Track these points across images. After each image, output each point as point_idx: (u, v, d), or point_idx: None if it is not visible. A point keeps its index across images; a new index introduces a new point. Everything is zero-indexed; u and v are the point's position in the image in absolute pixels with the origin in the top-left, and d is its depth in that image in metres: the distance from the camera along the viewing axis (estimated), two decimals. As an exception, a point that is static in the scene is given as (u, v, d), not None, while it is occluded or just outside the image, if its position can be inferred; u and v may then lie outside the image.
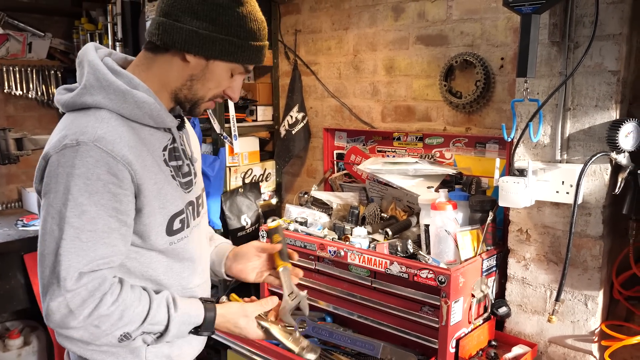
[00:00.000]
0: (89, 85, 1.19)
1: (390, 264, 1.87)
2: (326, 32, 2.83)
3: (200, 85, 1.25)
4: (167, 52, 1.22)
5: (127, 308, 1.19)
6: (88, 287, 1.14)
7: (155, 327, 1.23)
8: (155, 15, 1.23)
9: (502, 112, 2.22)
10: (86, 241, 1.13)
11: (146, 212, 1.22)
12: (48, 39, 3.71)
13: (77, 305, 1.13)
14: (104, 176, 1.13)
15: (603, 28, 1.68)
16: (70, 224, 1.12)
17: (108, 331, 1.17)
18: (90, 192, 1.12)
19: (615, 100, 1.71)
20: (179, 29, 1.18)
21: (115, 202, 1.15)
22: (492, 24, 2.21)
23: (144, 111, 1.20)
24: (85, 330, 1.15)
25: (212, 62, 1.22)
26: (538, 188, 1.83)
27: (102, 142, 1.13)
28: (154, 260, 1.30)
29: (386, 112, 2.63)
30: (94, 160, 1.12)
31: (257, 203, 2.90)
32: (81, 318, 1.14)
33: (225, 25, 1.19)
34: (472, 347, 1.89)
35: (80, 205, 1.12)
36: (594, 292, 1.82)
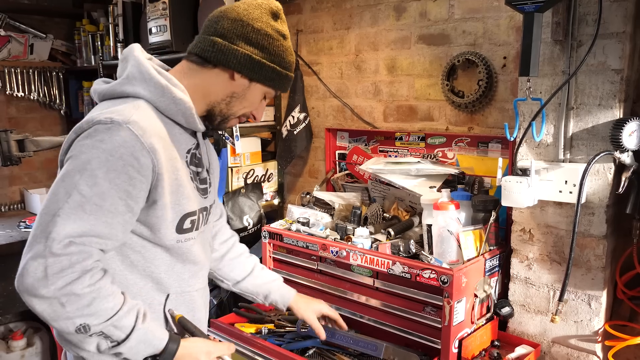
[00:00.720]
0: (131, 77, 1.27)
1: (392, 264, 1.86)
2: (328, 32, 2.82)
3: (237, 103, 1.37)
4: (215, 67, 1.33)
5: (100, 298, 1.16)
6: (72, 258, 1.12)
7: (116, 333, 1.19)
8: (205, 33, 1.34)
9: (505, 111, 2.22)
10: (89, 213, 1.13)
11: (161, 204, 1.25)
12: (49, 41, 3.73)
13: (54, 272, 1.11)
14: (126, 157, 1.16)
15: (606, 26, 1.67)
16: (79, 191, 1.13)
17: (71, 314, 1.13)
18: (109, 168, 1.14)
19: (618, 99, 1.70)
20: (234, 51, 1.30)
21: (129, 185, 1.17)
22: (495, 22, 2.20)
23: (179, 107, 1.29)
24: (50, 304, 1.12)
25: (254, 85, 1.36)
26: (541, 187, 1.82)
27: (134, 125, 1.18)
28: (157, 257, 1.32)
29: (388, 112, 2.63)
30: (122, 139, 1.16)
31: (259, 203, 2.90)
32: (53, 288, 1.11)
33: (272, 54, 1.34)
34: (475, 347, 1.88)
35: (95, 177, 1.14)
36: (597, 292, 1.81)
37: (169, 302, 1.37)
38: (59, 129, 3.91)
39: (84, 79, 3.80)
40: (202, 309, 1.50)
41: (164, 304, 1.36)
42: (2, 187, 3.62)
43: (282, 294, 1.79)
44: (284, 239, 2.21)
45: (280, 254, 2.28)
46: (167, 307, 1.37)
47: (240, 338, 2.00)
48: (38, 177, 3.82)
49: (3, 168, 3.52)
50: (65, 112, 3.88)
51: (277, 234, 2.23)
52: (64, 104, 3.86)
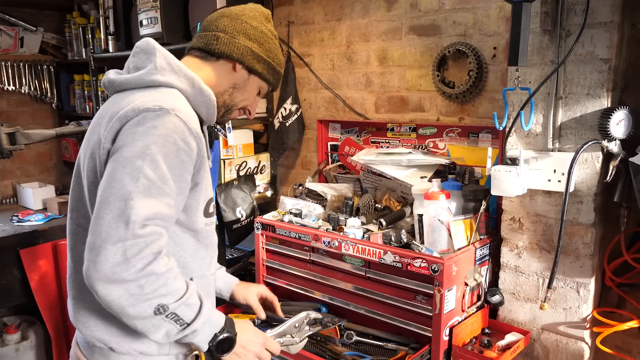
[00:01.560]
0: (160, 67, 1.32)
1: (384, 254, 1.88)
2: (319, 24, 2.82)
3: (239, 94, 1.48)
4: (218, 60, 1.43)
5: (172, 277, 1.21)
6: (147, 239, 1.15)
7: (187, 312, 1.22)
8: (208, 30, 1.44)
9: (495, 101, 2.23)
10: (155, 195, 1.17)
11: (200, 187, 1.33)
12: (40, 34, 3.70)
13: (134, 254, 1.13)
14: (179, 142, 1.21)
15: (594, 16, 1.69)
16: (145, 175, 1.16)
17: (150, 295, 1.16)
18: (165, 153, 1.19)
19: (606, 88, 1.71)
20: (236, 43, 1.42)
21: (182, 169, 1.23)
22: (485, 13, 2.21)
23: (204, 99, 1.37)
24: (127, 288, 1.13)
25: (252, 77, 1.47)
26: (530, 177, 1.84)
27: (180, 112, 1.23)
28: (185, 241, 1.37)
29: (380, 103, 2.64)
30: (173, 125, 1.21)
31: (252, 195, 2.90)
32: (133, 270, 1.13)
33: (268, 50, 1.47)
34: (466, 335, 1.91)
35: (156, 161, 1.17)
36: (585, 280, 1.84)
37: None
38: (50, 122, 3.89)
39: (75, 72, 3.77)
40: (213, 294, 1.57)
41: None
42: (-6, 181, 3.62)
43: (225, 282, 1.82)
44: (276, 230, 2.22)
45: (273, 245, 2.29)
46: None
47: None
48: (30, 171, 3.80)
49: (-5, 162, 3.51)
50: (56, 105, 3.86)
51: (269, 225, 2.24)
52: (55, 97, 3.83)
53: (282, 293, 2.32)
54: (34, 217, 3.12)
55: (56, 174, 3.94)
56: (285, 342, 1.60)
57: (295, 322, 1.66)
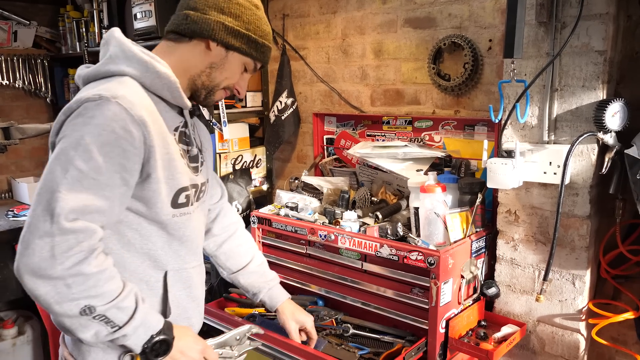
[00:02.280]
0: (114, 56, 1.28)
1: (380, 247, 1.88)
2: (314, 16, 2.81)
3: (218, 74, 1.38)
4: (191, 40, 1.34)
5: (104, 279, 1.16)
6: (78, 236, 1.12)
7: (119, 315, 1.18)
8: (179, 10, 1.36)
9: (491, 94, 2.23)
10: (87, 187, 1.14)
11: (154, 177, 1.25)
12: (33, 28, 3.67)
13: (62, 252, 1.10)
14: (118, 130, 1.16)
15: (590, 7, 1.68)
16: (75, 166, 1.13)
17: (76, 295, 1.12)
18: (102, 142, 1.15)
19: (602, 80, 1.71)
20: (207, 19, 1.32)
21: (123, 159, 1.18)
22: (480, 5, 2.20)
23: (164, 82, 1.29)
24: (54, 285, 1.10)
25: (231, 54, 1.36)
26: (526, 169, 1.84)
27: (122, 99, 1.18)
28: (154, 234, 1.32)
29: (375, 96, 2.63)
30: (112, 113, 1.16)
31: (248, 189, 2.90)
32: (60, 268, 1.10)
33: (246, 22, 1.35)
34: (462, 327, 1.91)
35: (90, 152, 1.14)
36: (581, 272, 1.85)
37: (168, 278, 1.37)
38: (45, 116, 3.87)
39: (69, 66, 3.75)
40: (199, 287, 1.51)
41: (162, 281, 1.37)
42: (-11, 176, 3.60)
43: (271, 297, 1.80)
44: (272, 223, 2.22)
45: (269, 239, 2.29)
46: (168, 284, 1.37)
47: (231, 322, 2.02)
48: (25, 165, 3.79)
49: (-11, 157, 3.49)
50: (51, 99, 3.84)
51: (266, 219, 2.24)
52: (50, 91, 3.81)
53: (279, 287, 2.33)
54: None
55: (51, 169, 3.92)
56: (225, 354, 1.53)
57: (236, 335, 1.57)
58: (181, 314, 1.41)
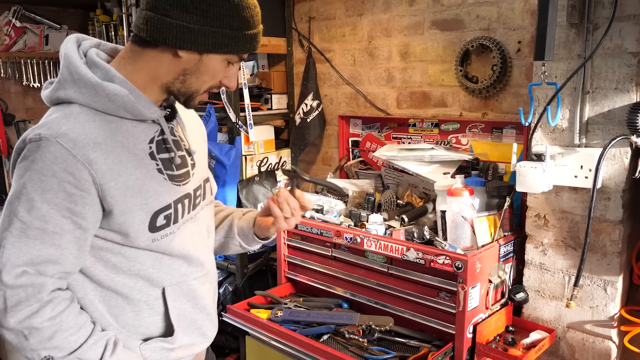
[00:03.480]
0: (63, 80, 1.17)
1: (406, 250, 1.87)
2: (340, 19, 2.81)
3: (194, 79, 1.21)
4: (157, 47, 1.16)
5: (61, 330, 1.13)
6: (27, 290, 1.10)
7: None
8: (141, 7, 1.17)
9: (519, 96, 2.20)
10: (33, 238, 1.09)
11: (118, 211, 1.17)
12: (64, 31, 3.76)
13: (12, 305, 1.09)
14: (60, 174, 1.09)
15: (623, 8, 1.65)
16: (18, 218, 1.09)
17: (34, 346, 1.12)
18: (43, 189, 1.08)
19: (635, 82, 1.68)
20: (168, 24, 1.12)
21: (70, 203, 1.10)
22: (509, 7, 2.17)
23: (117, 104, 1.16)
24: (16, 335, 1.11)
25: (206, 56, 1.17)
26: (556, 173, 1.81)
27: (63, 138, 1.09)
28: (140, 255, 1.24)
29: (401, 99, 2.62)
30: (52, 156, 1.08)
31: (273, 191, 2.91)
32: (13, 320, 1.09)
33: (216, 17, 1.13)
34: (490, 332, 1.89)
35: (31, 200, 1.08)
36: (613, 277, 1.81)
37: (167, 294, 1.30)
38: (74, 119, 3.95)
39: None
40: (206, 296, 1.40)
41: (161, 297, 1.29)
42: (21, 177, 3.69)
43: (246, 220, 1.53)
44: (298, 225, 2.22)
45: (294, 241, 2.30)
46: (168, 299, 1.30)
47: (256, 324, 2.03)
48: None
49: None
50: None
51: (291, 221, 2.24)
52: (79, 94, 3.89)
53: (304, 289, 2.33)
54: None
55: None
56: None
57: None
58: (189, 326, 1.35)
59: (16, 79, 3.57)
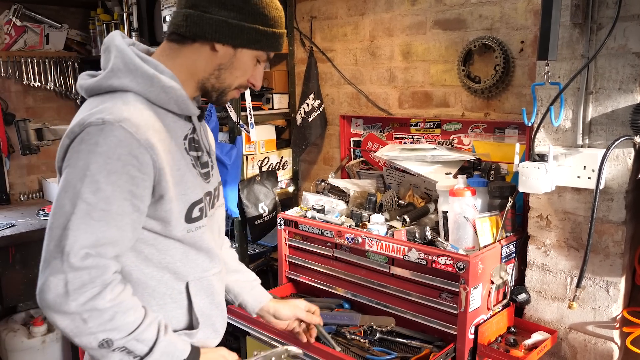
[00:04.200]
0: (116, 69, 1.21)
1: (408, 251, 1.86)
2: (342, 18, 2.80)
3: (228, 74, 1.29)
4: (195, 42, 1.25)
5: (121, 312, 1.15)
6: (91, 272, 1.11)
7: (139, 346, 1.17)
8: (178, 7, 1.25)
9: (522, 96, 2.19)
10: (97, 220, 1.11)
11: (167, 198, 1.21)
12: (65, 30, 3.74)
13: (75, 288, 1.09)
14: (124, 157, 1.12)
15: (627, 8, 1.64)
16: (83, 200, 1.10)
17: (93, 329, 1.12)
18: (109, 171, 1.11)
19: (639, 82, 1.67)
20: (208, 19, 1.21)
21: (132, 185, 1.14)
22: (512, 6, 2.16)
23: (170, 96, 1.23)
24: (72, 320, 1.11)
25: (240, 51, 1.27)
26: (559, 173, 1.80)
27: (126, 123, 1.13)
28: (170, 247, 1.29)
29: (403, 99, 2.61)
30: (117, 139, 1.11)
31: (274, 191, 2.90)
32: (74, 304, 1.09)
33: (251, 14, 1.23)
34: (491, 333, 1.88)
35: (96, 182, 1.10)
36: (615, 279, 1.80)
37: (190, 288, 1.35)
38: (75, 118, 3.94)
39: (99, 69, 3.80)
40: (221, 292, 1.48)
41: (185, 292, 1.35)
42: (21, 176, 3.67)
43: (254, 296, 1.67)
44: (299, 226, 2.21)
45: (295, 241, 2.29)
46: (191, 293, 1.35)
47: (257, 324, 2.02)
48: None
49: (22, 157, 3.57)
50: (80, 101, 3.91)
51: (292, 221, 2.24)
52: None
53: (305, 289, 2.32)
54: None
55: (81, 169, 3.98)
56: None
57: (272, 356, 1.51)
58: (205, 321, 1.39)
59: (16, 78, 3.56)
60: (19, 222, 2.98)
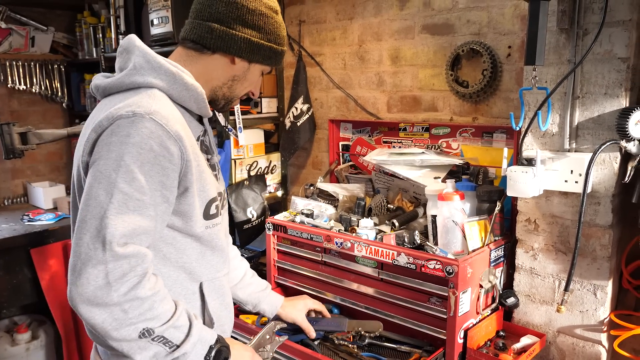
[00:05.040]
0: (139, 67, 1.25)
1: (397, 255, 1.86)
2: (331, 23, 2.80)
3: (239, 85, 1.39)
4: (215, 53, 1.32)
5: (159, 300, 1.16)
6: (131, 261, 1.11)
7: (176, 334, 1.18)
8: (199, 19, 1.32)
9: (510, 101, 2.20)
10: (133, 209, 1.12)
11: (191, 191, 1.25)
12: (51, 33, 3.71)
13: (117, 278, 1.09)
14: (156, 148, 1.14)
15: (613, 14, 1.66)
16: (119, 189, 1.11)
17: (134, 319, 1.12)
18: (142, 161, 1.13)
19: (625, 87, 1.69)
20: (233, 36, 1.30)
21: (163, 176, 1.16)
22: (499, 12, 2.18)
23: (191, 94, 1.28)
24: (111, 312, 1.10)
25: (253, 65, 1.37)
26: (546, 177, 1.81)
27: (156, 115, 1.16)
28: (188, 247, 1.32)
29: (392, 103, 2.61)
30: (149, 131, 1.14)
31: (262, 195, 2.89)
32: (116, 295, 1.09)
33: (269, 33, 1.35)
34: (480, 337, 1.88)
35: (131, 172, 1.12)
36: (603, 282, 1.81)
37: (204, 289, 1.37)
38: (61, 122, 3.90)
39: (85, 72, 3.78)
40: (229, 294, 1.52)
41: (198, 293, 1.37)
42: (5, 180, 3.62)
43: (270, 302, 1.79)
44: (288, 230, 2.20)
45: (284, 246, 2.28)
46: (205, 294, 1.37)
47: (244, 329, 2.00)
48: (41, 170, 3.82)
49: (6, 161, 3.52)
50: (67, 105, 3.87)
51: (281, 226, 2.23)
52: (66, 96, 3.84)
53: (293, 294, 2.30)
54: (45, 216, 3.13)
55: (66, 173, 3.95)
56: (263, 354, 1.56)
57: (266, 334, 1.59)
58: (217, 322, 1.40)
59: (1, 81, 3.52)
60: (3, 228, 2.94)
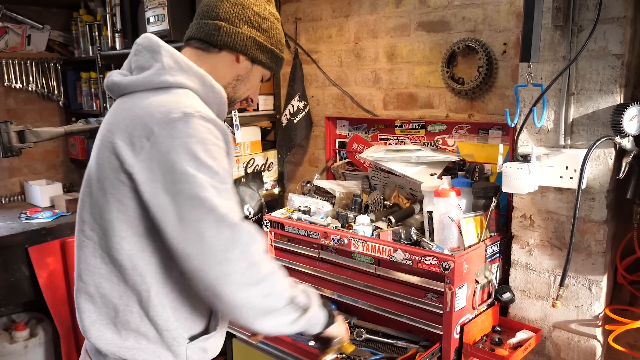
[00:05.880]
0: (168, 67, 1.25)
1: (394, 251, 1.87)
2: (327, 20, 2.81)
3: (242, 86, 1.42)
4: (221, 51, 1.35)
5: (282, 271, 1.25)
6: (254, 236, 1.19)
7: (304, 299, 1.28)
8: (206, 18, 1.35)
9: (505, 97, 2.21)
10: (225, 199, 1.16)
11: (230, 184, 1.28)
12: (47, 31, 3.70)
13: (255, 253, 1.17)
14: (216, 142, 1.18)
15: (607, 11, 1.67)
16: (210, 185, 1.14)
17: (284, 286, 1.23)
18: (212, 156, 1.16)
19: (619, 84, 1.70)
20: (239, 34, 1.34)
21: (228, 166, 1.21)
22: (495, 9, 2.19)
23: (216, 96, 1.31)
24: (263, 288, 1.17)
25: (255, 67, 1.41)
26: (542, 173, 1.82)
27: (204, 114, 1.19)
28: None
29: (388, 100, 2.62)
30: (205, 128, 1.17)
31: (259, 193, 2.90)
32: (267, 268, 1.18)
33: (272, 37, 1.40)
34: (477, 332, 1.90)
35: (209, 167, 1.15)
36: (598, 277, 1.82)
37: None
38: (57, 120, 3.90)
39: (81, 70, 3.77)
40: None
41: None
42: (2, 178, 3.62)
43: None
44: (285, 227, 2.21)
45: (281, 243, 2.29)
46: None
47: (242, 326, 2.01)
48: (38, 168, 3.81)
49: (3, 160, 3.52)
50: (63, 103, 3.87)
51: (278, 223, 2.24)
52: (62, 95, 3.84)
53: (291, 290, 2.32)
54: (42, 214, 3.13)
55: (63, 172, 3.95)
56: None
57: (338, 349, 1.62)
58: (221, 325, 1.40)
59: (-3, 79, 3.52)
60: (1, 226, 2.94)
